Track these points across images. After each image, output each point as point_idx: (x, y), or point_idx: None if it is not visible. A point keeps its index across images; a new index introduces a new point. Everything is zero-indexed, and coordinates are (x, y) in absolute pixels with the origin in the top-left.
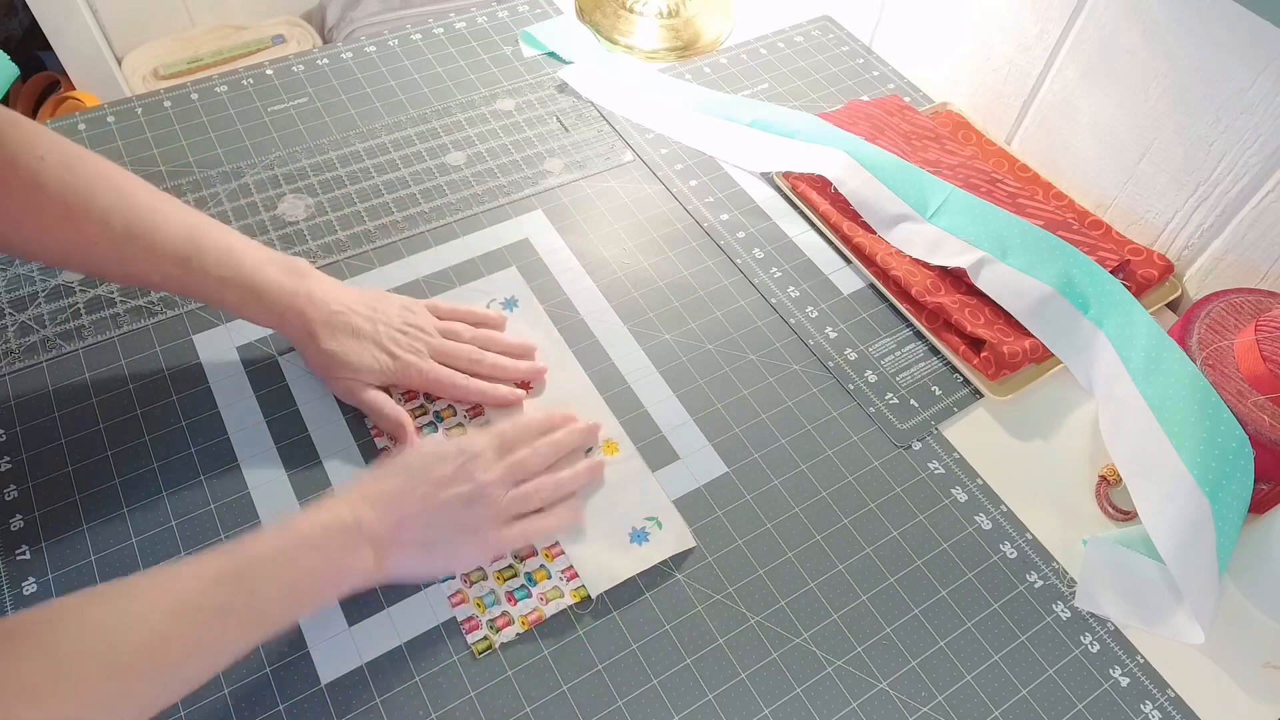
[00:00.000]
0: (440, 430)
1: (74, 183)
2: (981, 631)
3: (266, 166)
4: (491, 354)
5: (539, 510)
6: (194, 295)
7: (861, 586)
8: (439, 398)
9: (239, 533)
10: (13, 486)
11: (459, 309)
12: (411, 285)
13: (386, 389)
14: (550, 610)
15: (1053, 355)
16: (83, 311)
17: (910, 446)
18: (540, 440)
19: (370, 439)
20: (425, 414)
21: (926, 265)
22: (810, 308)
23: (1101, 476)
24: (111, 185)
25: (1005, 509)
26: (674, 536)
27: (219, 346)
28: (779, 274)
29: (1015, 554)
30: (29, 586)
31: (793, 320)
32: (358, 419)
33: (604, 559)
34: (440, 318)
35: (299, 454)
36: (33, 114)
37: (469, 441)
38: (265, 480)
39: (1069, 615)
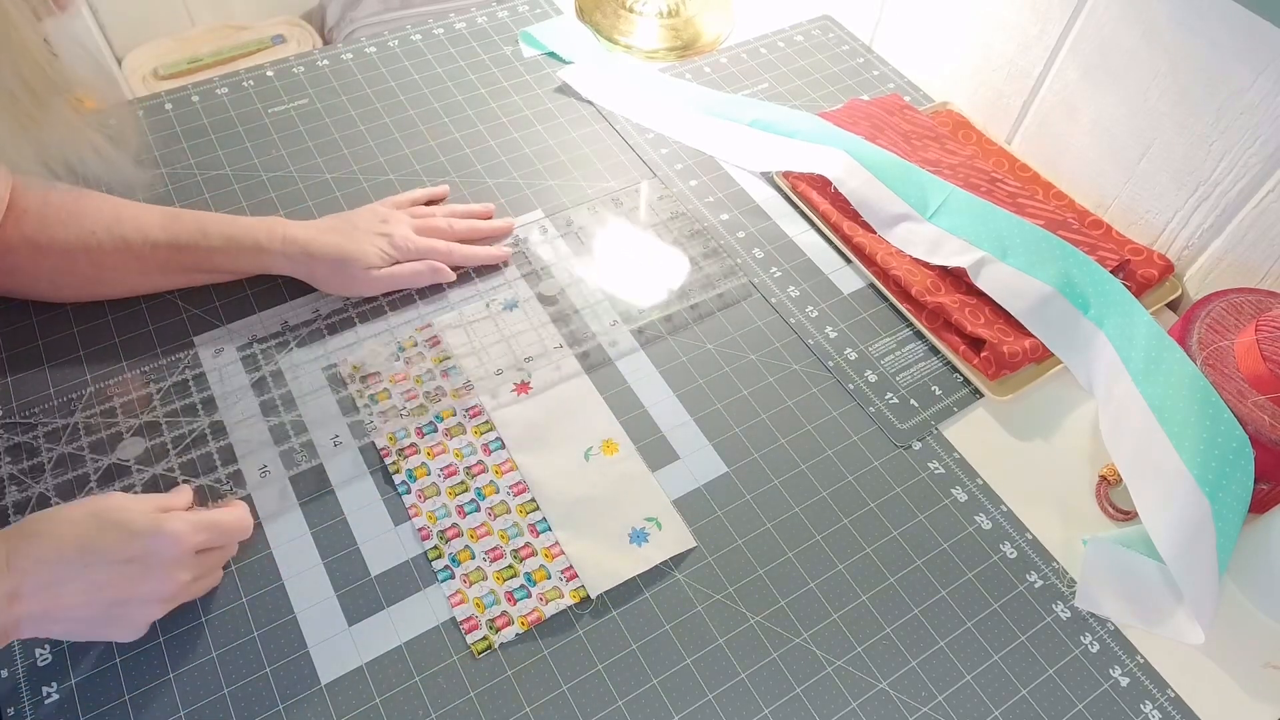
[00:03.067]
0: (440, 430)
1: (65, 227)
2: (981, 631)
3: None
4: (462, 219)
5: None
6: (200, 271)
7: (861, 586)
8: (439, 395)
9: None
10: None
11: (411, 194)
12: None
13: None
14: (550, 610)
15: (1053, 355)
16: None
17: (910, 446)
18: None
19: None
20: (425, 413)
21: (926, 265)
22: (810, 308)
23: (1101, 476)
24: (86, 213)
25: (1005, 509)
26: (674, 537)
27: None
28: (779, 274)
29: (1015, 554)
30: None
31: (793, 320)
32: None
33: (604, 559)
34: (400, 208)
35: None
36: None
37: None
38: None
39: (1069, 615)
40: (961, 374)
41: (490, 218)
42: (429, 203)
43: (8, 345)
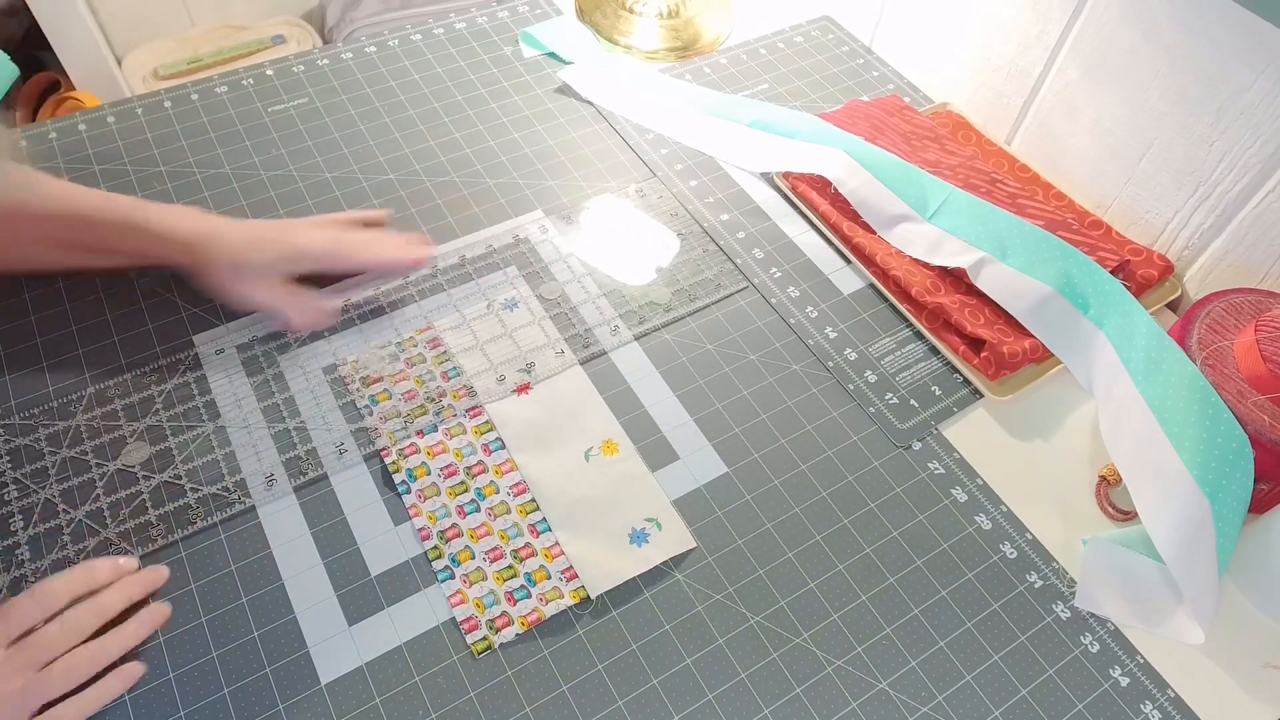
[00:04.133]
0: (440, 430)
1: None
2: (981, 631)
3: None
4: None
5: (83, 686)
6: (88, 254)
7: (861, 586)
8: (439, 394)
9: None
10: None
11: (348, 214)
12: (409, 282)
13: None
14: (550, 610)
15: (1053, 355)
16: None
17: (910, 446)
18: (74, 610)
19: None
20: (425, 413)
21: (926, 265)
22: (810, 308)
23: (1101, 476)
24: None
25: (1005, 509)
26: (674, 537)
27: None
28: (779, 274)
29: (1015, 554)
30: None
31: (793, 320)
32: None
33: (604, 560)
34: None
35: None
36: (33, 114)
37: None
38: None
39: (1069, 615)
40: (961, 374)
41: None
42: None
43: (4, 343)
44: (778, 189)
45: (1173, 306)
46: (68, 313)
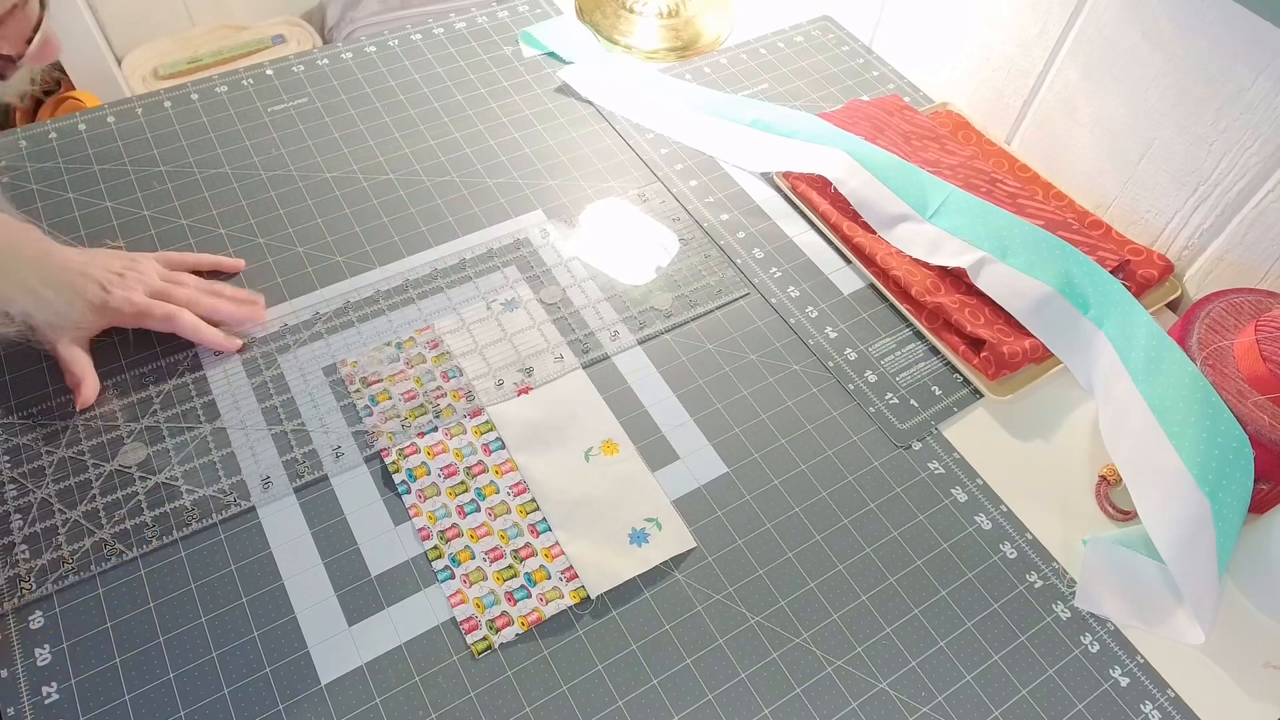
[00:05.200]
0: (440, 430)
1: None
2: (981, 631)
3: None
4: (212, 298)
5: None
6: None
7: (861, 586)
8: (439, 395)
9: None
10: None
11: (189, 258)
12: (409, 284)
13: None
14: (550, 610)
15: (1053, 355)
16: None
17: (910, 446)
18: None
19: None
20: (425, 413)
21: (926, 265)
22: (810, 308)
23: (1101, 476)
24: None
25: (1005, 509)
26: (674, 537)
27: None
28: (779, 274)
29: (1015, 554)
30: None
31: (793, 320)
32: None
33: (603, 560)
34: (170, 268)
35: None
36: (33, 114)
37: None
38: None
39: (1069, 615)
40: (961, 374)
41: (258, 310)
42: (217, 273)
43: (4, 343)
44: (778, 189)
45: (1173, 306)
46: None
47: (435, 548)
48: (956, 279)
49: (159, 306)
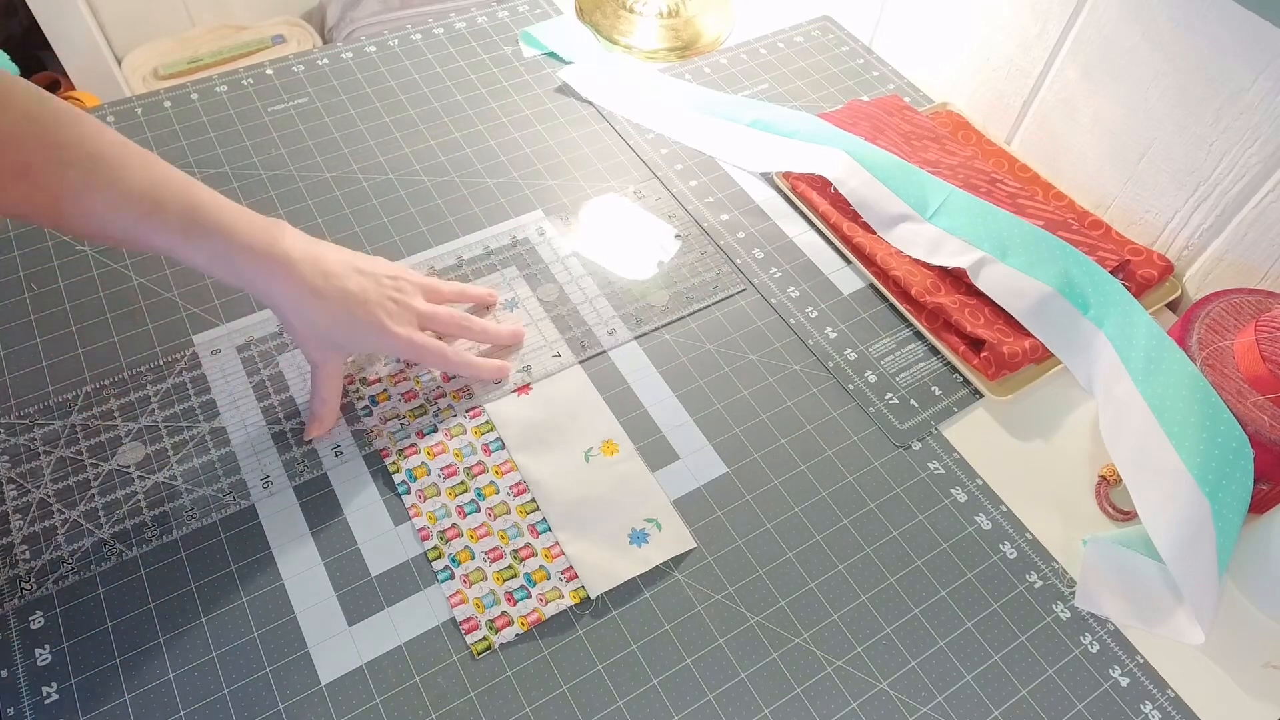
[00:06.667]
0: (440, 430)
1: (32, 132)
2: (981, 631)
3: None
4: (479, 321)
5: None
6: (158, 253)
7: (861, 586)
8: (439, 395)
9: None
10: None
11: (446, 289)
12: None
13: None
14: (550, 611)
15: (1052, 355)
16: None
17: (910, 446)
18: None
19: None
20: (424, 413)
21: (926, 265)
22: (810, 308)
23: (1101, 476)
24: (69, 134)
25: (1005, 509)
26: (674, 537)
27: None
28: (779, 274)
29: (1015, 554)
30: None
31: (793, 320)
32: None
33: (603, 560)
34: (431, 300)
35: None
36: None
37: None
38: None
39: (1069, 615)
40: (961, 374)
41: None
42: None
43: (4, 343)
44: (778, 189)
45: (1173, 306)
46: (68, 313)
47: (435, 548)
48: (956, 279)
49: (433, 344)
